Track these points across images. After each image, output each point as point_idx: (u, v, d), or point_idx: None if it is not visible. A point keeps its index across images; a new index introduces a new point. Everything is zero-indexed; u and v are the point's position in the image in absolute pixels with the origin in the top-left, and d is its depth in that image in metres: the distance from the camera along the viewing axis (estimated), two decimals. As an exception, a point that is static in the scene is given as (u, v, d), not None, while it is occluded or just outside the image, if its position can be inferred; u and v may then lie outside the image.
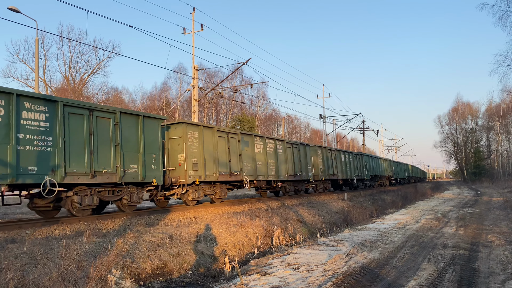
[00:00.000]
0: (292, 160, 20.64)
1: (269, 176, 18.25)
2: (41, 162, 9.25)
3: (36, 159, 9.14)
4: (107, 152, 10.92)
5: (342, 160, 28.00)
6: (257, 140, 17.87)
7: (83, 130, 10.33)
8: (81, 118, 10.30)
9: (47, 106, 9.52)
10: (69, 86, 47.76)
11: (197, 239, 9.66)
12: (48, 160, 9.39)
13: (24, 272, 6.09)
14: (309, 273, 6.96)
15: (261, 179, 17.78)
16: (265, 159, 18.11)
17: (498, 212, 18.10)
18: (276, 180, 19.20)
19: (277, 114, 68.47)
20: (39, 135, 9.26)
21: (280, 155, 19.49)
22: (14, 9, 20.58)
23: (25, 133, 9.00)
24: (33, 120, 9.21)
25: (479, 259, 8.22)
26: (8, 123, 8.68)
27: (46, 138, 9.41)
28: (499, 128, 66.68)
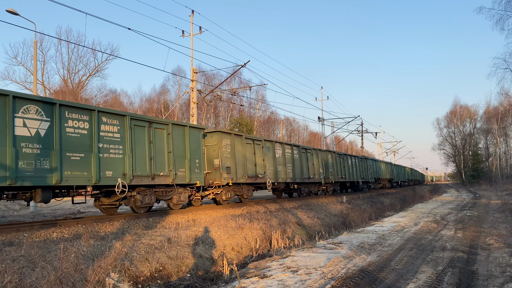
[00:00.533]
0: (306, 164, 22.52)
1: (287, 179, 20.08)
2: (115, 167, 11.08)
3: (111, 164, 10.98)
4: (162, 158, 12.73)
5: (349, 164, 30.05)
6: (277, 146, 19.75)
7: (144, 139, 12.17)
8: (143, 129, 12.15)
9: (118, 120, 11.31)
10: (67, 88, 47.74)
11: (195, 242, 9.63)
12: (120, 165, 11.22)
13: (21, 275, 6.06)
14: (308, 276, 6.94)
15: (281, 181, 19.64)
16: (284, 163, 20.00)
17: (496, 214, 18.12)
18: (293, 182, 20.99)
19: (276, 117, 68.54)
20: (113, 144, 11.10)
21: (296, 160, 21.33)
22: (13, 11, 20.57)
23: (103, 143, 10.78)
24: (109, 132, 11.01)
25: (477, 262, 8.21)
26: (91, 135, 10.46)
27: (118, 147, 11.24)
28: (497, 131, 66.81)
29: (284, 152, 20.23)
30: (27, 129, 9.06)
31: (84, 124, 10.35)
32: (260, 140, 18.25)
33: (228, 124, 55.04)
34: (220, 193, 15.85)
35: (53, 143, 9.50)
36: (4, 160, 8.50)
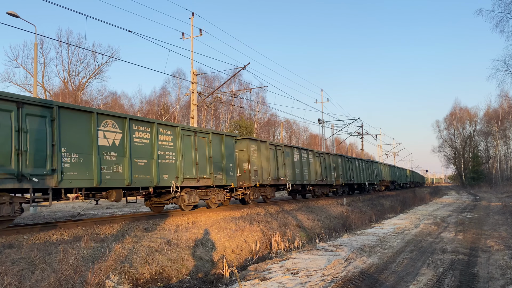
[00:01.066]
0: (320, 167, 24.58)
1: (304, 181, 22.06)
2: (170, 171, 12.95)
3: (167, 169, 12.82)
4: (204, 163, 14.64)
5: (357, 167, 32.23)
6: (295, 151, 21.60)
7: (191, 147, 14.08)
8: (190, 138, 14.07)
9: (171, 131, 13.21)
10: (67, 90, 47.77)
11: (195, 244, 9.62)
12: (174, 169, 13.09)
13: (21, 277, 6.05)
14: (308, 278, 6.93)
15: (298, 183, 21.47)
16: (300, 167, 21.89)
17: (496, 217, 18.10)
18: (309, 184, 23.01)
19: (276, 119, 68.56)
20: (168, 151, 12.97)
21: (311, 163, 23.31)
22: (13, 14, 20.61)
23: (161, 150, 12.62)
24: (165, 141, 12.88)
25: (478, 264, 8.20)
26: (152, 144, 12.34)
27: (172, 154, 13.12)
28: (497, 133, 66.82)
29: (301, 156, 22.21)
30: (106, 140, 10.90)
31: (147, 135, 12.27)
32: (281, 145, 20.14)
33: (228, 126, 55.05)
34: (249, 193, 17.64)
35: (124, 151, 11.36)
36: (92, 166, 10.34)
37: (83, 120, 10.37)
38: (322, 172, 24.75)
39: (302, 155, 22.39)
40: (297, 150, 21.95)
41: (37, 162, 9.11)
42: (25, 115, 8.95)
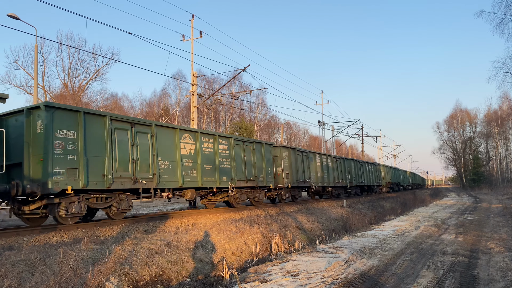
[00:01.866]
0: (337, 170, 27.37)
1: (324, 183, 25.03)
2: (227, 174, 15.75)
3: (225, 173, 15.59)
4: (251, 167, 17.53)
5: (367, 170, 35.11)
6: (317, 156, 24.53)
7: (240, 154, 16.94)
8: (239, 147, 16.97)
9: (227, 141, 16.17)
10: (68, 92, 47.80)
11: (195, 246, 9.61)
12: (229, 173, 15.88)
13: (21, 279, 6.04)
14: (308, 281, 6.92)
15: (320, 185, 24.44)
16: (321, 170, 24.82)
17: (497, 218, 18.08)
18: (328, 185, 25.97)
19: (276, 121, 68.59)
20: (225, 158, 15.80)
21: (329, 167, 26.28)
22: (14, 16, 20.64)
23: (220, 157, 15.50)
24: (223, 150, 15.76)
25: (478, 266, 8.19)
26: (214, 152, 15.23)
27: (228, 160, 15.97)
28: (497, 135, 66.83)
29: (322, 161, 25.00)
30: (185, 150, 13.80)
31: (211, 145, 15.15)
32: (306, 151, 23.15)
33: (228, 128, 55.07)
34: (282, 193, 20.50)
35: (197, 159, 14.20)
36: (177, 170, 13.25)
37: (171, 135, 13.33)
38: (339, 175, 27.71)
39: (323, 160, 25.36)
40: (319, 156, 24.96)
41: (144, 168, 11.99)
42: (136, 132, 11.86)
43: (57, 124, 9.71)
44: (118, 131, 11.26)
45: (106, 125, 10.87)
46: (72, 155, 9.93)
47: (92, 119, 10.59)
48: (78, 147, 10.10)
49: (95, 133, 10.60)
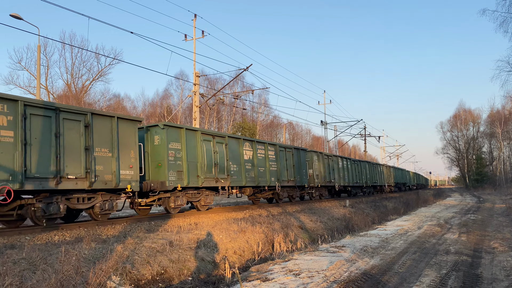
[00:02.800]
0: (355, 172, 30.38)
1: (345, 183, 27.94)
2: (275, 175, 18.85)
3: (273, 174, 18.72)
4: (291, 170, 20.49)
5: (379, 171, 38.37)
6: (339, 159, 27.60)
7: (284, 158, 20.06)
8: (283, 152, 20.09)
9: (274, 147, 19.20)
10: (70, 93, 47.92)
11: (197, 245, 9.59)
12: (276, 174, 18.97)
13: (22, 278, 6.04)
14: (310, 279, 6.89)
15: (342, 184, 27.45)
16: (343, 172, 27.82)
17: (500, 218, 17.99)
18: (348, 185, 29.09)
19: (278, 121, 68.52)
20: (272, 162, 18.81)
21: (349, 169, 29.27)
22: (17, 16, 20.70)
23: (270, 161, 18.56)
24: (271, 155, 18.81)
25: (482, 266, 8.14)
26: (265, 157, 18.36)
27: (274, 164, 18.94)
28: (500, 135, 66.52)
29: (343, 163, 28.11)
30: (246, 155, 16.89)
31: (263, 151, 18.28)
32: (331, 155, 26.29)
33: (230, 128, 55.07)
34: (314, 191, 23.61)
35: (254, 162, 17.33)
36: (242, 172, 16.29)
37: (237, 143, 16.53)
38: (357, 176, 30.65)
39: (344, 162, 28.48)
40: (340, 159, 27.97)
41: (221, 170, 15.13)
42: (216, 142, 15.11)
43: (170, 138, 12.98)
44: (205, 142, 14.58)
45: (198, 137, 14.26)
46: (179, 161, 13.21)
47: (189, 134, 13.93)
48: (182, 155, 13.39)
49: (191, 144, 13.93)
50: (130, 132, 11.61)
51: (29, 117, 9.02)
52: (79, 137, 10.10)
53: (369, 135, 52.14)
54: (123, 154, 11.26)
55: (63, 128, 9.73)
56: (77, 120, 10.09)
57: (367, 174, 33.49)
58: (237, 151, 16.30)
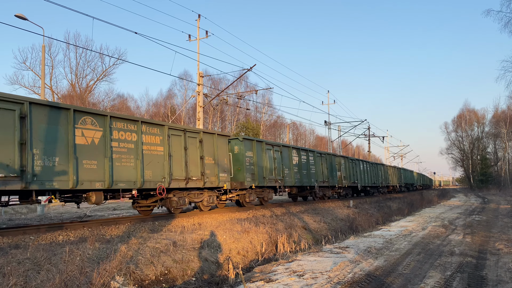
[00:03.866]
0: (372, 173, 33.99)
1: (365, 183, 31.72)
2: (314, 177, 22.48)
3: (313, 176, 22.42)
4: (326, 171, 24.04)
5: (392, 173, 42.94)
6: (361, 163, 31.78)
7: (320, 162, 23.67)
8: (319, 157, 23.60)
9: (312, 154, 22.92)
10: (75, 93, 48.10)
11: (201, 246, 9.60)
12: (315, 176, 22.64)
13: (27, 277, 6.06)
14: (314, 280, 6.87)
15: (362, 184, 31.32)
16: (364, 173, 31.80)
17: (506, 219, 17.88)
18: (368, 185, 33.21)
19: (282, 121, 68.47)
20: (312, 166, 22.46)
21: (368, 171, 33.05)
22: (21, 16, 20.80)
23: (310, 165, 22.19)
24: (311, 160, 22.53)
25: (487, 267, 8.08)
26: (307, 162, 22.07)
27: (313, 167, 22.61)
28: (505, 135, 66.14)
29: (364, 166, 31.99)
30: (294, 160, 20.37)
31: (305, 157, 21.88)
32: (355, 159, 30.17)
33: (234, 128, 55.08)
34: (341, 191, 27.43)
35: (300, 166, 20.97)
36: (292, 174, 20.01)
37: (287, 151, 20.20)
38: (374, 177, 34.36)
39: (364, 165, 32.65)
40: (362, 162, 32.03)
41: (278, 173, 18.79)
42: (275, 150, 18.86)
43: (246, 148, 16.56)
44: (267, 150, 18.13)
45: (263, 147, 17.84)
46: (252, 166, 16.77)
47: (258, 144, 17.41)
48: (254, 161, 16.89)
49: (259, 152, 17.49)
50: (224, 144, 15.65)
51: (171, 137, 12.85)
52: (196, 149, 13.94)
53: (373, 135, 52.02)
54: (220, 161, 15.10)
55: (188, 144, 13.50)
56: (195, 138, 13.98)
57: (382, 175, 37.60)
58: (287, 157, 19.88)
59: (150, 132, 12.06)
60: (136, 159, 11.45)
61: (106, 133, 10.55)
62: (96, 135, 10.33)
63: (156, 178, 12.06)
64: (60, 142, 9.46)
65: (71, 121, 9.71)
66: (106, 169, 10.39)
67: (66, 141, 9.59)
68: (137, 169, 11.41)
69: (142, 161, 11.58)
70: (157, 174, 12.09)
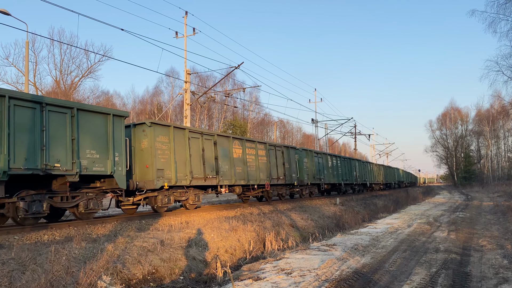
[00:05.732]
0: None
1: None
2: (337, 176, 28.55)
3: (336, 175, 28.48)
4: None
5: (389, 171, 48.67)
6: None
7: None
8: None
9: (330, 156, 28.20)
10: (59, 89, 47.33)
11: (188, 244, 9.56)
12: (336, 176, 28.41)
13: (11, 278, 5.96)
14: (302, 278, 6.91)
15: (370, 182, 37.87)
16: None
17: (488, 216, 18.22)
18: (373, 183, 39.16)
19: (269, 119, 68.47)
20: (334, 169, 28.27)
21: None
22: (4, 11, 20.36)
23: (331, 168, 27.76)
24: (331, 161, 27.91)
25: (471, 263, 8.23)
26: (326, 162, 26.67)
27: (338, 170, 28.79)
28: (488, 133, 67.35)
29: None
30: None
31: (321, 159, 25.64)
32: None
33: (221, 126, 54.93)
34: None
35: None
36: (331, 174, 26.94)
37: (323, 156, 25.60)
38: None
39: (370, 166, 38.54)
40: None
41: (316, 174, 24.03)
42: (313, 156, 24.15)
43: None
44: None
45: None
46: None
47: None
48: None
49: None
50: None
51: (269, 149, 19.42)
52: (280, 158, 20.55)
53: (359, 133, 52.45)
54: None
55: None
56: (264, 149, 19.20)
57: (382, 174, 40.50)
58: (325, 161, 24.46)
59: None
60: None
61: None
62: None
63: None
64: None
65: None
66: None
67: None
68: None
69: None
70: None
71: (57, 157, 9.49)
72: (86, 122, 10.33)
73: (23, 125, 8.89)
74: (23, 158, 8.77)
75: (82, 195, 10.65)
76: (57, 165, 9.42)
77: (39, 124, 9.17)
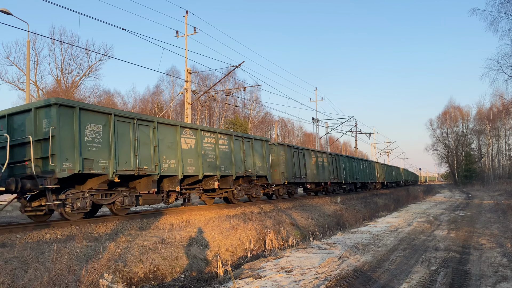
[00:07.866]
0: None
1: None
2: (358, 174, 33.49)
3: (355, 174, 32.95)
4: (372, 171, 37.16)
5: (393, 170, 51.47)
6: (379, 165, 40.72)
7: (351, 165, 31.50)
8: (357, 162, 33.95)
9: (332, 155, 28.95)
10: (60, 89, 47.40)
11: (189, 243, 9.62)
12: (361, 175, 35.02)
13: (14, 276, 6.02)
14: (302, 276, 6.96)
15: (385, 181, 43.17)
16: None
17: (489, 215, 18.26)
18: (387, 181, 44.05)
19: (270, 118, 68.55)
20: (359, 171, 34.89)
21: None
22: (5, 11, 20.41)
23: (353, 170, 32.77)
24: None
25: (470, 262, 8.28)
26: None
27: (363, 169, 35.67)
28: (489, 132, 67.32)
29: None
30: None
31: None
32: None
33: (222, 125, 54.98)
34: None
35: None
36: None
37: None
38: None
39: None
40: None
41: (333, 174, 26.99)
42: (329, 157, 27.53)
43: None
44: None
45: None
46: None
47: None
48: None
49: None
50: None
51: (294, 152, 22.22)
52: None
53: (360, 132, 52.50)
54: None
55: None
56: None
57: (387, 173, 43.92)
58: (341, 163, 27.05)
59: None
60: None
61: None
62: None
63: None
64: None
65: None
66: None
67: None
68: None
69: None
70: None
71: (145, 161, 11.77)
72: (162, 132, 12.60)
73: (123, 136, 11.13)
74: (124, 162, 11.03)
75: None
76: (145, 167, 11.70)
77: (132, 135, 11.40)
